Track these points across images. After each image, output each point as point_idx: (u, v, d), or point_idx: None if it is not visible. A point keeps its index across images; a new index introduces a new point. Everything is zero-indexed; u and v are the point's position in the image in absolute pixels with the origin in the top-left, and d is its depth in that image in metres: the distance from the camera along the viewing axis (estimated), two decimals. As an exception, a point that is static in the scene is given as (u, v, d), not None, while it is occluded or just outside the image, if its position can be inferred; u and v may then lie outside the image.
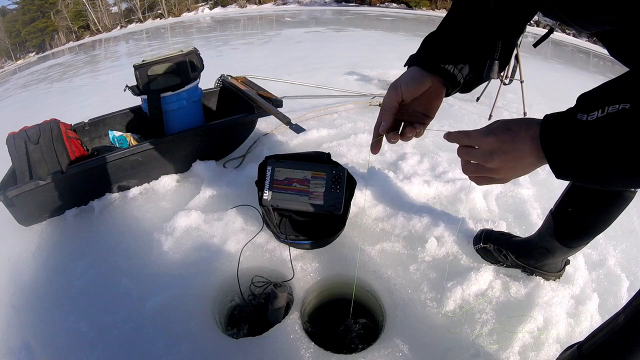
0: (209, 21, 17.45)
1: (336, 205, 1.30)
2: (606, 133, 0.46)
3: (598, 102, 0.48)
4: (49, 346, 1.16)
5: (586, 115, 0.48)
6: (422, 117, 0.75)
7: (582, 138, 0.48)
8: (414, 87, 0.72)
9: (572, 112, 0.51)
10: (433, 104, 0.75)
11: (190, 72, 1.96)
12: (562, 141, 0.51)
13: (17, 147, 1.69)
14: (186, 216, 1.55)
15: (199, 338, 1.12)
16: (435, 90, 0.73)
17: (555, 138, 0.52)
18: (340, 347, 1.15)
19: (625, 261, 1.41)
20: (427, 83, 0.72)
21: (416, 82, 0.72)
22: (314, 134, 2.33)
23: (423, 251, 1.36)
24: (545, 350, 1.06)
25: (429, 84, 0.72)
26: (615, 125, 0.45)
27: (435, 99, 0.74)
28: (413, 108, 0.75)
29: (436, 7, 21.32)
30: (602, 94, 0.49)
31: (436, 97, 0.74)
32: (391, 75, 3.96)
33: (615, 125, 0.45)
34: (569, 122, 0.50)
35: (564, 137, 0.50)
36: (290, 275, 1.28)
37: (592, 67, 5.55)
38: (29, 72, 10.29)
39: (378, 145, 0.76)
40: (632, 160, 0.45)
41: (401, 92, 0.72)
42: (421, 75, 0.72)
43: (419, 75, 0.72)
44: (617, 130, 0.45)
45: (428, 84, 0.72)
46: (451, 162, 1.96)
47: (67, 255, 1.52)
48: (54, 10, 30.99)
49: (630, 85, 0.47)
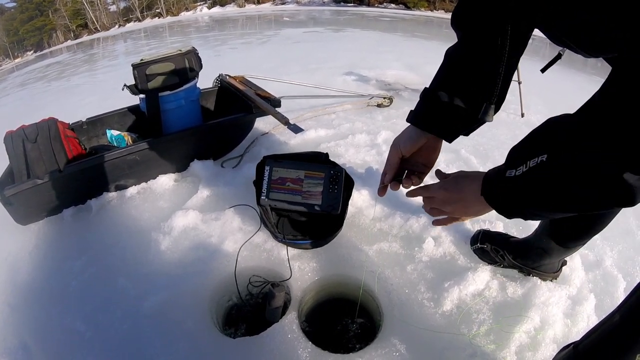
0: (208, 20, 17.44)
1: (334, 205, 1.30)
2: (530, 184, 0.56)
3: (522, 157, 0.58)
4: (46, 345, 1.16)
5: (514, 171, 0.58)
6: (422, 166, 0.87)
7: (512, 191, 0.59)
8: (411, 145, 0.83)
9: (503, 169, 0.61)
10: (430, 157, 0.86)
11: (189, 71, 1.96)
12: (498, 195, 0.64)
13: (15, 146, 1.68)
14: (184, 216, 1.55)
15: (197, 337, 1.12)
16: (432, 145, 0.83)
17: (493, 193, 0.64)
18: (338, 347, 1.15)
19: (622, 262, 1.41)
20: (422, 141, 0.82)
21: (413, 141, 0.82)
22: (312, 134, 2.33)
23: (420, 251, 1.36)
24: (542, 350, 1.06)
25: (424, 141, 0.82)
26: (536, 176, 0.55)
27: (432, 153, 0.85)
28: (414, 160, 0.86)
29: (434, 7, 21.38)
30: (526, 148, 0.59)
31: (433, 151, 0.85)
32: (389, 76, 3.96)
33: (536, 176, 0.55)
34: (501, 179, 0.61)
35: (499, 192, 0.63)
36: (287, 275, 1.28)
37: (590, 69, 5.56)
38: (26, 70, 10.26)
39: (384, 191, 0.89)
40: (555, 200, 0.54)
41: (400, 151, 0.83)
42: (416, 134, 0.82)
43: (414, 135, 0.82)
44: (538, 180, 0.55)
45: (423, 141, 0.82)
46: (448, 162, 1.96)
47: (65, 254, 1.51)
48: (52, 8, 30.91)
49: (548, 135, 0.56)
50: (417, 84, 3.67)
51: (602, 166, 0.48)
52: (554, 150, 0.53)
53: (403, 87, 3.59)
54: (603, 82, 0.52)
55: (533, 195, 0.57)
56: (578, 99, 0.57)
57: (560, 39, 0.59)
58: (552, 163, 0.53)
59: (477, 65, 0.73)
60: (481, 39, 0.72)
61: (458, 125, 0.79)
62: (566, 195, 0.53)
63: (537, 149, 0.55)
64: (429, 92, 0.80)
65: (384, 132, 2.27)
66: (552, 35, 0.60)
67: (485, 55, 0.72)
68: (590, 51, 0.55)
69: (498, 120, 2.80)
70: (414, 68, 4.34)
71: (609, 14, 0.46)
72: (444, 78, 0.79)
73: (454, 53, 0.78)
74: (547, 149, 0.54)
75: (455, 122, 0.79)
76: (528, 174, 0.56)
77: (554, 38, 0.61)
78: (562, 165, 0.52)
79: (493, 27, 0.69)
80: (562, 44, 0.60)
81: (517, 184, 0.58)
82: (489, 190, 0.65)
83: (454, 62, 0.78)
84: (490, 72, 0.71)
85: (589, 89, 0.52)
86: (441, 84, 0.78)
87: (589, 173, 0.49)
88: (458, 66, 0.76)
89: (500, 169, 0.63)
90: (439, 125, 0.80)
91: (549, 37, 0.61)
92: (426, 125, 0.80)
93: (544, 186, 0.54)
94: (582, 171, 0.49)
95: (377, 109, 2.91)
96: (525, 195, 0.58)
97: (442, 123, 0.79)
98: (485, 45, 0.71)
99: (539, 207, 0.58)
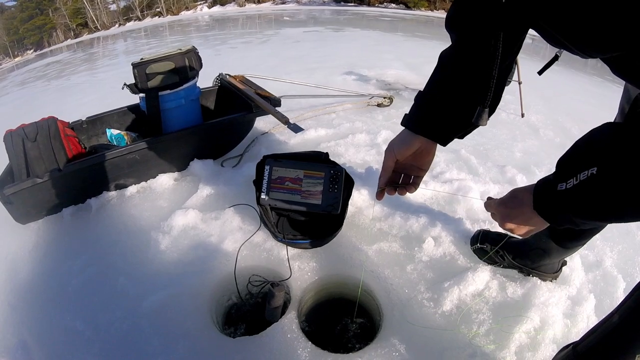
0: (208, 20, 17.42)
1: (334, 205, 1.30)
2: (582, 197, 0.57)
3: (572, 170, 0.59)
4: (46, 344, 1.16)
5: (565, 184, 0.59)
6: (417, 170, 0.87)
7: (565, 204, 0.60)
8: (406, 149, 0.82)
9: (553, 182, 0.62)
10: (425, 160, 0.85)
11: (189, 70, 1.96)
12: (550, 208, 0.64)
13: (15, 145, 1.68)
14: (183, 215, 1.55)
15: (196, 337, 1.12)
16: (426, 149, 0.83)
17: (545, 207, 0.65)
18: (337, 347, 1.15)
19: (622, 262, 1.41)
20: (416, 144, 0.81)
21: (407, 145, 0.82)
22: (312, 133, 2.33)
23: (420, 251, 1.36)
24: (542, 350, 1.06)
25: (418, 144, 0.81)
26: (587, 189, 0.56)
27: (426, 156, 0.84)
28: (409, 163, 0.86)
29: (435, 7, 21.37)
30: (574, 161, 0.60)
31: (427, 154, 0.84)
32: (389, 76, 3.96)
33: (587, 189, 0.56)
34: (553, 192, 0.62)
35: (552, 205, 0.64)
36: (287, 275, 1.28)
37: (590, 69, 5.55)
38: (26, 69, 10.25)
39: (381, 195, 0.89)
40: (609, 211, 0.55)
41: (395, 154, 0.83)
42: (410, 137, 0.81)
43: (408, 138, 0.82)
44: (589, 193, 0.56)
45: (417, 144, 0.81)
46: (448, 162, 1.96)
47: (64, 253, 1.51)
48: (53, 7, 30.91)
49: (593, 147, 0.57)
50: (417, 83, 3.68)
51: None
52: (604, 163, 0.54)
53: (403, 87, 3.59)
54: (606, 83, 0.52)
55: (586, 207, 0.57)
56: (578, 99, 0.57)
57: (557, 39, 0.58)
58: (603, 175, 0.54)
59: (471, 68, 0.73)
60: (475, 41, 0.72)
61: (452, 129, 0.79)
62: (619, 206, 0.54)
63: (586, 161, 0.56)
64: (423, 95, 0.80)
65: (384, 131, 2.27)
66: (548, 36, 0.60)
67: (479, 57, 0.71)
68: (587, 51, 0.55)
69: (498, 120, 2.80)
70: (414, 68, 4.34)
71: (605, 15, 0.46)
72: (438, 81, 0.78)
73: (448, 56, 0.77)
74: (596, 161, 0.55)
75: (449, 126, 0.78)
76: (580, 187, 0.57)
77: (549, 39, 0.60)
78: (614, 179, 0.53)
79: (487, 30, 0.69)
80: (559, 45, 0.60)
81: (568, 197, 0.59)
82: (542, 204, 0.66)
83: (447, 65, 0.77)
84: (483, 74, 0.70)
85: (589, 89, 0.52)
86: (435, 87, 0.78)
87: None
88: (452, 69, 0.76)
89: (549, 181, 0.64)
90: (433, 128, 0.79)
91: (545, 38, 0.61)
92: (420, 129, 0.80)
93: (597, 199, 0.55)
94: (634, 183, 0.51)
95: (377, 108, 2.91)
96: (578, 208, 0.58)
97: (436, 126, 0.79)
98: (479, 47, 0.71)
99: (592, 217, 0.58)
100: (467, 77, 0.73)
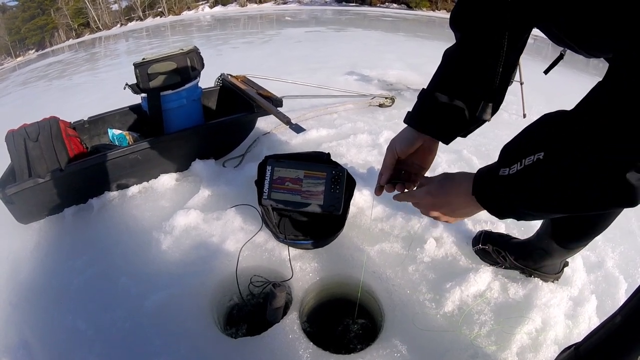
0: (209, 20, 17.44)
1: (336, 205, 1.30)
2: (525, 183, 0.54)
3: (517, 155, 0.55)
4: (47, 344, 1.16)
5: (507, 170, 0.56)
6: (418, 167, 0.87)
7: (505, 190, 0.57)
8: (407, 147, 0.82)
9: (496, 168, 0.58)
10: (426, 158, 0.85)
11: (191, 70, 1.96)
12: (491, 195, 0.61)
13: (16, 145, 1.68)
14: (185, 215, 1.55)
15: (198, 337, 1.12)
16: (428, 147, 0.83)
17: (485, 193, 0.62)
18: (339, 348, 1.15)
19: (624, 263, 1.41)
20: (418, 142, 0.81)
21: (408, 142, 0.82)
22: (313, 133, 2.33)
23: (422, 252, 1.36)
24: (543, 351, 1.06)
25: (420, 142, 0.81)
26: (531, 174, 0.53)
27: (428, 154, 0.84)
28: (410, 161, 0.86)
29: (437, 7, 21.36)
30: (521, 146, 0.56)
31: (429, 153, 0.84)
32: (391, 76, 3.96)
33: (532, 174, 0.52)
34: (494, 177, 0.58)
35: (492, 191, 0.60)
36: (289, 275, 1.28)
37: (592, 69, 5.54)
38: (28, 69, 10.27)
39: (380, 191, 0.89)
40: (552, 200, 0.52)
41: (396, 152, 0.83)
42: (412, 135, 0.81)
43: (410, 136, 0.81)
44: (534, 178, 0.52)
45: (419, 142, 0.81)
46: (450, 163, 1.96)
47: (66, 253, 1.52)
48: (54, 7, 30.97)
49: (544, 132, 0.54)
50: (419, 83, 3.67)
51: (604, 165, 0.46)
52: (552, 148, 0.51)
53: (405, 87, 3.58)
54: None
55: (528, 195, 0.54)
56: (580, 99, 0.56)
57: (561, 38, 0.58)
58: (550, 161, 0.50)
59: (475, 65, 0.73)
60: (479, 38, 0.72)
61: (455, 127, 0.79)
62: (564, 194, 0.51)
63: (533, 146, 0.53)
64: (426, 93, 0.80)
65: (385, 132, 2.27)
66: (552, 35, 0.60)
67: (484, 54, 0.71)
68: (590, 51, 0.54)
69: (500, 121, 2.79)
70: (416, 68, 4.33)
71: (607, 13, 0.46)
72: (442, 79, 0.78)
73: (452, 54, 0.78)
74: (544, 146, 0.52)
75: (452, 124, 0.78)
76: (523, 172, 0.54)
77: (554, 38, 0.60)
78: (561, 164, 0.50)
79: (491, 27, 0.69)
80: (563, 44, 0.60)
81: (511, 182, 0.56)
82: (481, 189, 0.63)
83: (451, 62, 0.77)
84: (488, 71, 0.71)
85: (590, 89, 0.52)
86: (438, 84, 0.78)
87: (590, 172, 0.47)
88: (456, 66, 0.76)
89: (492, 168, 0.61)
90: (435, 126, 0.79)
91: (549, 36, 0.61)
92: (422, 127, 0.80)
93: (541, 185, 0.52)
94: (582, 170, 0.48)
95: (379, 108, 2.90)
96: (520, 195, 0.55)
97: (438, 124, 0.79)
98: (484, 44, 0.71)
99: (534, 206, 0.55)
100: (472, 73, 0.74)
